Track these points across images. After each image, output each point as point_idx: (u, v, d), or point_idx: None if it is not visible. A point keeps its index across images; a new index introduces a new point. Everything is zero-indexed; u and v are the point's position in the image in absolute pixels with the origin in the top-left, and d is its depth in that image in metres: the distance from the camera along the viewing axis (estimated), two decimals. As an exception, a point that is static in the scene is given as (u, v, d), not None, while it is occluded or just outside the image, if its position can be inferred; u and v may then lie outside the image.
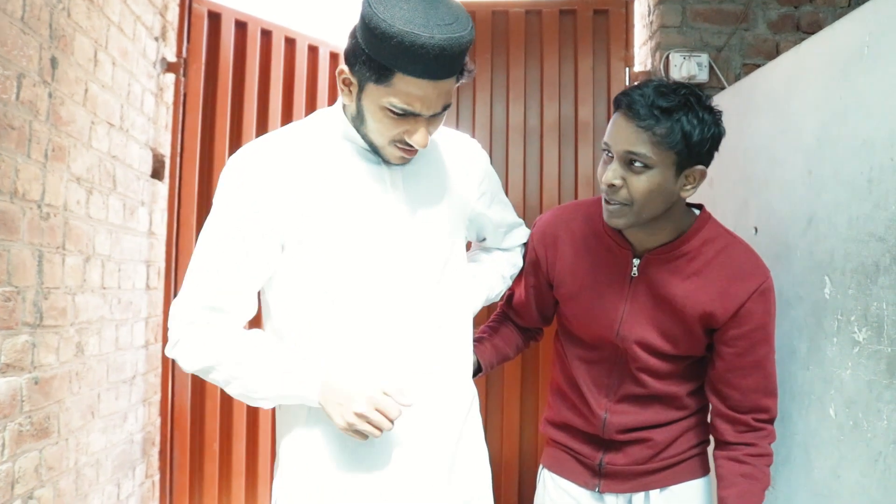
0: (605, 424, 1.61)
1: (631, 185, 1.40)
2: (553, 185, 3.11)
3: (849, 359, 1.48)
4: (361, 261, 1.33)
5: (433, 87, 1.21)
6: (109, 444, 2.40)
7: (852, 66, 1.50)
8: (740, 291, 1.47)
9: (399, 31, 1.14)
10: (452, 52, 1.18)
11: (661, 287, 1.52)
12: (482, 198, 1.56)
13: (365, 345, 1.34)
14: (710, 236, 1.52)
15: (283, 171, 1.31)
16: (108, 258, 2.35)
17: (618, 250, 1.56)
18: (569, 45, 3.13)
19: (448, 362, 1.43)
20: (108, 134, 2.34)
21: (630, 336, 1.55)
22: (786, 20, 2.85)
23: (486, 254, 1.69)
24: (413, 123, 1.26)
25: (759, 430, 1.52)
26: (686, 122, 1.37)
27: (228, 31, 3.04)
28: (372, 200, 1.35)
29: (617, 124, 1.42)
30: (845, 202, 1.51)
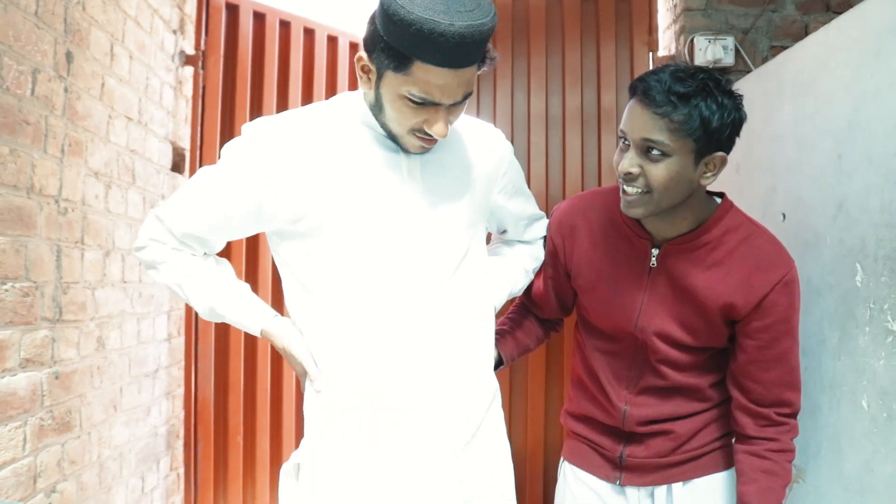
0: (625, 417, 1.57)
1: (649, 174, 1.36)
2: (576, 174, 3.06)
3: (882, 348, 1.43)
4: (374, 251, 1.31)
5: (453, 75, 1.17)
6: (133, 438, 2.41)
7: (885, 44, 1.44)
8: (763, 282, 1.42)
9: (418, 17, 1.11)
10: (473, 39, 1.14)
11: (681, 278, 1.47)
12: (504, 189, 1.53)
13: (379, 337, 1.32)
14: (733, 225, 1.47)
15: (297, 148, 1.29)
16: (128, 252, 2.36)
17: (636, 240, 1.51)
18: (591, 31, 3.07)
19: (467, 356, 1.40)
20: (126, 128, 2.33)
21: (649, 327, 1.50)
22: (815, 0, 2.77)
23: (507, 247, 1.66)
24: (432, 113, 1.23)
25: (782, 425, 1.47)
26: (705, 108, 1.31)
27: (247, 23, 3.02)
28: (387, 189, 1.32)
29: (633, 111, 1.37)
30: (877, 186, 1.45)
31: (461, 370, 1.38)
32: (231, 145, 1.33)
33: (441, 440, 1.36)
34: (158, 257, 1.39)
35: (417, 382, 1.33)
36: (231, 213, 1.33)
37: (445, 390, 1.36)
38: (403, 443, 1.34)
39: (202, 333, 2.92)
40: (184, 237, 1.37)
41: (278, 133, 1.30)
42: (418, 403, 1.34)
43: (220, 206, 1.33)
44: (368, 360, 1.32)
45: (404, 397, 1.33)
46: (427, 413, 1.34)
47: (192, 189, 1.36)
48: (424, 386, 1.34)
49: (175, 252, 1.39)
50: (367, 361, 1.32)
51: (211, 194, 1.33)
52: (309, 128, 1.32)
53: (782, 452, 1.47)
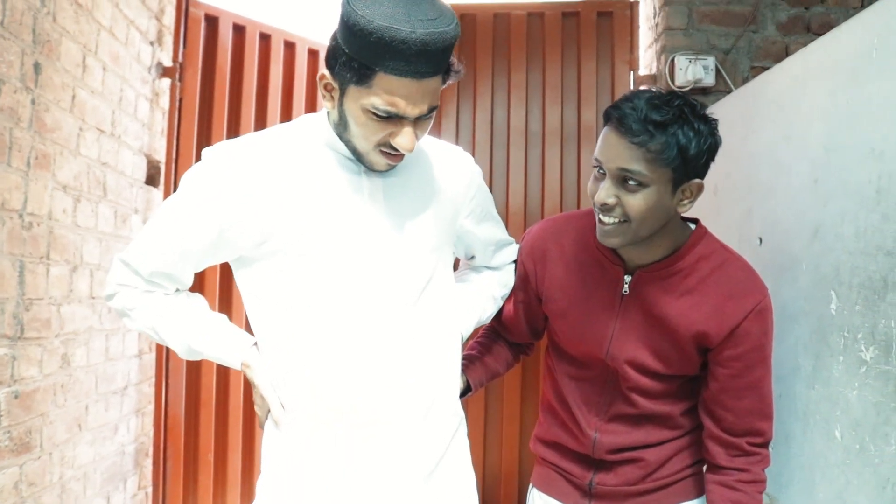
0: (595, 444, 1.54)
1: (626, 204, 1.33)
2: (555, 191, 3.04)
3: (855, 378, 1.41)
4: (336, 274, 1.27)
5: (417, 85, 1.15)
6: (98, 457, 2.36)
7: (860, 70, 1.43)
8: (736, 311, 1.39)
9: (378, 26, 1.08)
10: (435, 47, 1.11)
11: (654, 306, 1.45)
12: (472, 214, 1.49)
13: (341, 361, 1.28)
14: (706, 252, 1.44)
15: (257, 172, 1.25)
16: (97, 267, 2.31)
17: (609, 266, 1.49)
18: (572, 48, 3.06)
19: (431, 382, 1.36)
20: (97, 140, 2.29)
21: (620, 355, 1.48)
22: (796, 21, 2.77)
23: (475, 273, 1.62)
24: (398, 126, 1.20)
25: (753, 455, 1.44)
26: (682, 136, 1.29)
27: (226, 35, 2.99)
28: (349, 212, 1.28)
29: (608, 140, 1.34)
30: (852, 213, 1.44)
31: (424, 396, 1.35)
32: (190, 173, 1.30)
33: (403, 468, 1.32)
34: (129, 303, 1.36)
35: (379, 409, 1.30)
36: (194, 241, 1.29)
37: (407, 418, 1.32)
38: (364, 472, 1.31)
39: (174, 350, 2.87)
40: (151, 276, 1.34)
41: (238, 158, 1.26)
42: (379, 432, 1.30)
43: (183, 236, 1.29)
44: (329, 383, 1.29)
45: (366, 424, 1.30)
46: (387, 441, 1.31)
47: (153, 225, 1.33)
48: (386, 413, 1.30)
49: (146, 294, 1.36)
50: (329, 385, 1.29)
51: (173, 226, 1.30)
52: (269, 151, 1.28)
53: (753, 483, 1.44)
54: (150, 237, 1.33)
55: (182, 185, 1.30)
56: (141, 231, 1.36)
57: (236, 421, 2.98)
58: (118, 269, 1.36)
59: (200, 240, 1.28)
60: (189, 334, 1.36)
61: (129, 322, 1.39)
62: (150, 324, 1.36)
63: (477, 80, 3.07)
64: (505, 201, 3.03)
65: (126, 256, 1.35)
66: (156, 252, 1.32)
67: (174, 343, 1.37)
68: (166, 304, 1.36)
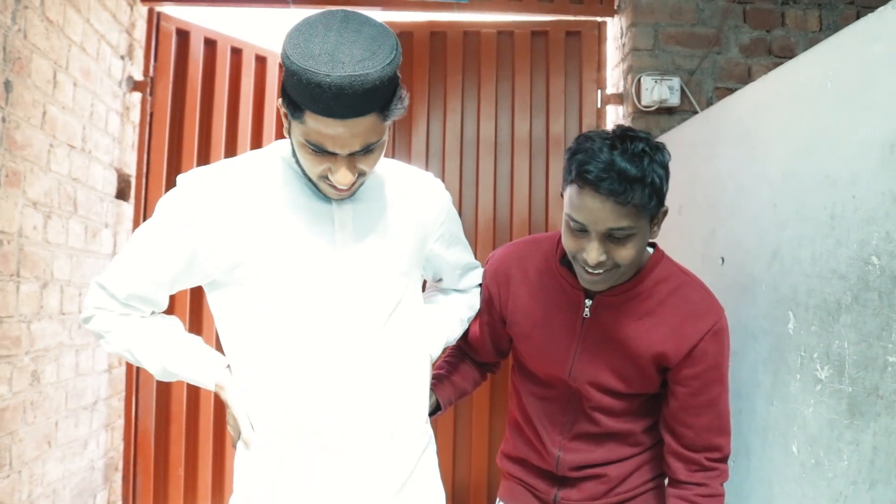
0: (558, 462, 1.58)
1: (617, 256, 1.36)
2: (524, 200, 3.10)
3: (811, 396, 1.47)
4: (305, 298, 1.30)
5: (342, 125, 1.13)
6: (67, 473, 2.34)
7: (817, 100, 1.49)
8: (693, 331, 1.45)
9: (298, 67, 1.08)
10: (354, 91, 1.09)
11: (614, 328, 1.49)
12: (441, 238, 1.52)
13: (312, 383, 1.31)
14: (664, 276, 1.50)
15: (230, 197, 1.28)
16: (67, 283, 2.30)
17: (570, 290, 1.53)
18: (541, 66, 3.12)
19: (400, 403, 1.39)
20: (68, 156, 2.29)
21: (583, 377, 1.52)
22: (758, 44, 2.85)
23: (443, 295, 1.66)
24: (332, 161, 1.20)
25: (712, 470, 1.50)
26: (655, 178, 1.31)
27: (197, 49, 3.00)
28: (316, 237, 1.31)
29: (589, 204, 1.32)
30: (809, 238, 1.50)
31: (390, 418, 1.38)
32: (165, 198, 1.32)
33: (371, 488, 1.35)
34: (105, 325, 1.37)
35: (346, 430, 1.33)
36: (168, 265, 1.31)
37: (374, 438, 1.35)
38: (332, 492, 1.33)
39: (145, 363, 2.86)
40: (128, 299, 1.35)
41: (211, 183, 1.29)
42: (346, 452, 1.33)
43: (158, 259, 1.31)
44: (298, 405, 1.31)
45: (333, 445, 1.33)
46: (354, 462, 1.33)
47: (129, 250, 1.35)
48: (353, 434, 1.33)
49: (122, 317, 1.37)
50: (297, 407, 1.31)
51: (149, 249, 1.32)
52: (242, 177, 1.31)
53: (712, 497, 1.49)
54: (125, 261, 1.34)
55: (157, 211, 1.32)
56: (117, 255, 1.38)
57: (206, 435, 2.98)
58: (95, 292, 1.37)
59: (175, 263, 1.31)
60: (164, 356, 1.38)
61: (106, 344, 1.40)
62: (126, 346, 1.38)
63: (447, 94, 3.11)
64: (474, 211, 3.07)
65: (103, 280, 1.36)
66: (131, 276, 1.33)
67: (150, 365, 1.39)
68: (142, 326, 1.38)
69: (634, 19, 2.85)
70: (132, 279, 1.33)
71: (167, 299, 1.40)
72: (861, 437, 1.29)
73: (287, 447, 1.33)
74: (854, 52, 1.36)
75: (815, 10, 2.85)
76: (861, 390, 1.30)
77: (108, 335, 1.38)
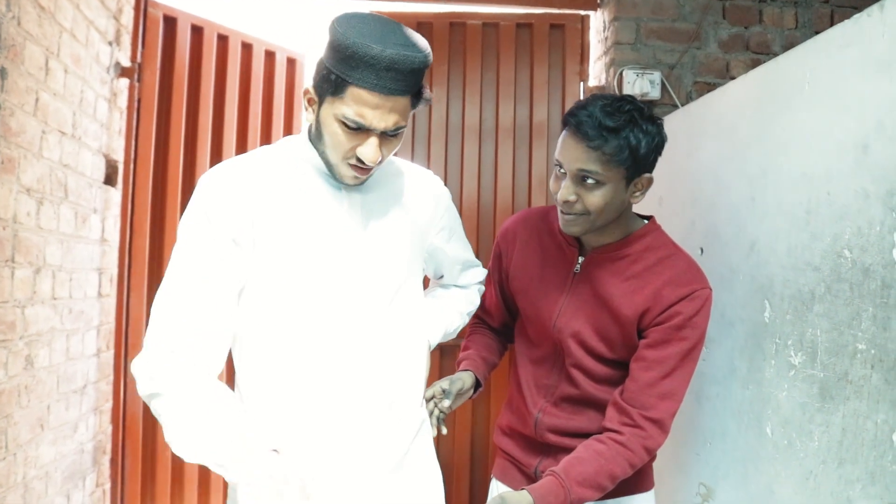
0: (536, 423, 1.66)
1: (585, 200, 1.49)
2: (507, 186, 3.18)
3: (785, 381, 1.55)
4: (313, 276, 1.36)
5: (384, 101, 1.25)
6: (59, 456, 2.38)
7: (794, 100, 1.57)
8: (673, 294, 1.52)
9: (353, 42, 1.21)
10: (403, 67, 1.23)
11: (601, 285, 1.59)
12: (441, 232, 1.62)
13: (315, 355, 1.37)
14: (655, 244, 1.60)
15: (249, 186, 1.34)
16: (59, 268, 2.32)
17: (566, 248, 1.65)
18: (525, 58, 3.18)
19: (396, 386, 1.46)
20: (59, 143, 2.30)
21: (566, 329, 1.61)
22: (736, 40, 2.93)
23: (444, 290, 1.75)
24: (364, 138, 1.30)
25: (636, 427, 1.50)
26: (633, 138, 1.45)
27: (184, 36, 3.01)
28: (328, 221, 1.38)
29: (567, 144, 1.49)
30: (785, 231, 1.58)
31: (391, 391, 1.44)
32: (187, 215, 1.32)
33: (369, 458, 1.42)
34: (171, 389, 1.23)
35: (350, 398, 1.39)
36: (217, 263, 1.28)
37: (375, 407, 1.41)
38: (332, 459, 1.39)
39: (132, 347, 2.89)
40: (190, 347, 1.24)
41: (231, 174, 1.35)
42: (346, 421, 1.39)
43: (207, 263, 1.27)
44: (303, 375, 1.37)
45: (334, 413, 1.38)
46: (357, 430, 1.40)
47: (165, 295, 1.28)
48: (356, 401, 1.40)
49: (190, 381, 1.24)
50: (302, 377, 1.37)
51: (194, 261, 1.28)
52: (258, 167, 1.38)
53: (621, 445, 1.49)
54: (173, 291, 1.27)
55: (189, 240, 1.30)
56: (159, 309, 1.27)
57: (193, 418, 3.01)
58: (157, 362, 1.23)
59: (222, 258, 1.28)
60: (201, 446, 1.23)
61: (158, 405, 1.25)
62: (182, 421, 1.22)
63: (433, 84, 3.16)
64: (459, 196, 3.14)
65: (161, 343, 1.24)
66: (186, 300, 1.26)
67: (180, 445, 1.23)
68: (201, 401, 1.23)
69: (617, 13, 2.91)
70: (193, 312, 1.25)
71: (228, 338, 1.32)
72: (831, 419, 1.38)
73: (289, 415, 1.38)
74: (830, 56, 1.44)
75: (791, 8, 2.93)
76: (832, 375, 1.38)
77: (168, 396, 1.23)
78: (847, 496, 1.32)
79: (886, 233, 1.24)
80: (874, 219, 1.27)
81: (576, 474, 1.46)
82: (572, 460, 1.49)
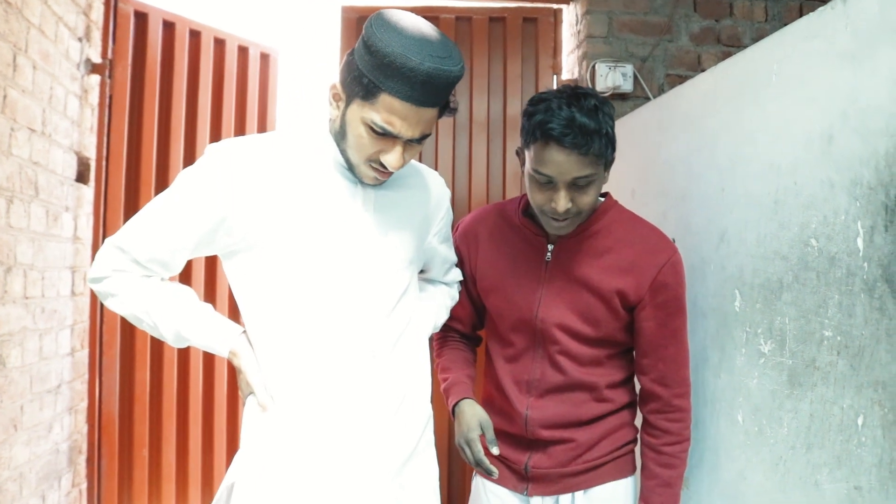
0: (527, 421, 1.67)
1: (580, 202, 1.52)
2: (482, 180, 3.19)
3: (755, 369, 1.57)
4: (324, 274, 1.37)
5: (415, 112, 1.26)
6: (33, 456, 2.35)
7: (762, 92, 1.58)
8: (650, 265, 1.58)
9: (393, 51, 1.20)
10: (439, 82, 1.23)
11: (575, 268, 1.62)
12: (439, 233, 1.63)
13: (324, 361, 1.38)
14: (618, 218, 1.65)
15: (262, 167, 1.34)
16: (30, 267, 2.30)
17: (534, 238, 1.66)
18: (498, 52, 3.19)
19: (407, 382, 1.47)
20: (28, 140, 2.28)
21: (549, 318, 1.63)
22: (707, 33, 2.96)
23: (430, 285, 1.75)
24: (389, 144, 1.30)
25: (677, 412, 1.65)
26: (609, 129, 1.50)
27: (156, 32, 2.99)
28: (342, 216, 1.39)
29: (554, 157, 1.47)
30: (754, 220, 1.59)
31: (395, 394, 1.45)
32: (195, 166, 1.36)
33: (378, 463, 1.42)
34: (120, 287, 1.38)
35: (357, 407, 1.39)
36: (197, 230, 1.34)
37: (385, 412, 1.42)
38: (339, 463, 1.39)
39: (107, 346, 2.87)
40: (149, 262, 1.37)
41: (245, 152, 1.35)
42: (354, 426, 1.39)
43: (187, 224, 1.34)
44: (310, 381, 1.38)
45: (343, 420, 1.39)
46: (364, 433, 1.40)
47: (153, 213, 1.37)
48: (363, 410, 1.40)
49: (141, 280, 1.39)
50: (309, 382, 1.38)
51: (177, 213, 1.35)
52: (274, 149, 1.38)
53: (677, 444, 1.64)
54: (149, 224, 1.36)
55: (185, 177, 1.36)
56: (136, 219, 1.38)
57: (170, 416, 3.00)
58: (112, 253, 1.38)
59: (202, 229, 1.34)
60: (180, 321, 1.39)
61: (118, 305, 1.40)
62: (144, 308, 1.39)
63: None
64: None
65: (121, 242, 1.37)
66: (156, 239, 1.36)
67: (164, 328, 1.40)
68: (159, 290, 1.40)
69: (589, 7, 2.93)
70: (156, 242, 1.36)
71: (183, 265, 1.43)
72: (799, 405, 1.40)
73: (297, 414, 1.38)
74: (796, 48, 1.45)
75: (761, 1, 2.97)
76: (800, 362, 1.41)
77: (122, 296, 1.39)
78: (815, 480, 1.35)
79: (851, 222, 1.26)
80: (839, 208, 1.29)
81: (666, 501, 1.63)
82: (653, 490, 1.63)
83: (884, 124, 1.18)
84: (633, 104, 2.82)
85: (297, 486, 1.37)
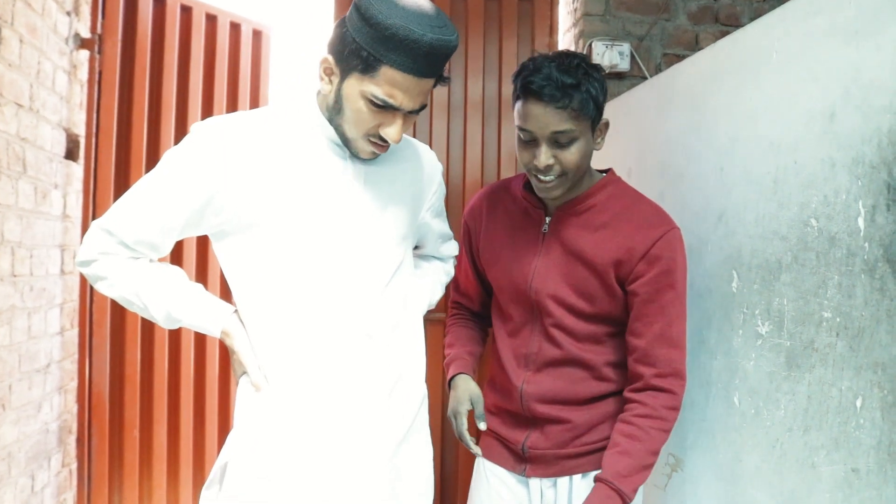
0: (522, 395, 1.66)
1: (563, 160, 1.51)
2: (476, 160, 3.16)
3: (752, 350, 1.56)
4: (315, 253, 1.35)
5: (416, 83, 1.26)
6: (22, 436, 2.33)
7: (762, 70, 1.56)
8: (646, 238, 1.55)
9: (394, 23, 1.19)
10: (440, 53, 1.24)
11: (571, 241, 1.60)
12: (432, 208, 1.62)
13: (316, 340, 1.36)
14: (618, 193, 1.63)
15: (249, 145, 1.32)
16: (18, 244, 2.27)
17: (532, 210, 1.66)
18: (494, 32, 3.15)
19: (399, 362, 1.46)
20: (16, 115, 2.24)
21: (543, 289, 1.61)
22: (705, 12, 2.93)
23: (425, 262, 1.74)
24: (389, 117, 1.30)
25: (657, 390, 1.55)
26: (591, 88, 1.49)
27: (147, 6, 2.93)
28: (330, 192, 1.37)
29: (533, 111, 1.49)
30: (753, 200, 1.58)
31: (394, 373, 1.44)
32: (181, 145, 1.34)
33: (373, 443, 1.41)
34: (109, 270, 1.37)
35: (352, 386, 1.38)
36: (184, 210, 1.33)
37: (380, 391, 1.41)
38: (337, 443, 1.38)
39: (97, 325, 2.84)
40: (136, 244, 1.36)
41: (231, 129, 1.33)
42: (348, 406, 1.38)
43: (174, 204, 1.32)
44: (304, 361, 1.36)
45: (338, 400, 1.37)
46: (359, 412, 1.39)
47: (140, 195, 1.35)
48: (358, 389, 1.39)
49: (128, 262, 1.37)
50: (303, 362, 1.36)
51: (163, 194, 1.33)
52: (261, 127, 1.35)
53: (649, 418, 1.54)
54: (135, 205, 1.35)
55: (170, 157, 1.34)
56: (122, 201, 1.37)
57: (161, 396, 2.98)
58: (99, 237, 1.37)
59: (189, 209, 1.33)
60: (170, 302, 1.39)
61: (108, 288, 1.39)
62: (134, 290, 1.37)
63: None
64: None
65: (108, 224, 1.36)
66: (142, 220, 1.34)
67: (155, 309, 1.39)
68: (148, 272, 1.39)
69: (587, -15, 2.89)
70: (143, 224, 1.34)
71: (171, 246, 1.41)
72: (797, 387, 1.39)
73: (291, 394, 1.37)
74: (797, 25, 1.43)
75: (760, -20, 2.93)
76: (798, 344, 1.39)
77: (111, 279, 1.38)
78: (812, 462, 1.34)
79: (852, 201, 1.24)
80: (840, 187, 1.28)
81: (620, 469, 1.51)
82: (611, 456, 1.53)
83: (888, 101, 1.16)
84: (629, 83, 2.79)
85: (291, 466, 1.36)
